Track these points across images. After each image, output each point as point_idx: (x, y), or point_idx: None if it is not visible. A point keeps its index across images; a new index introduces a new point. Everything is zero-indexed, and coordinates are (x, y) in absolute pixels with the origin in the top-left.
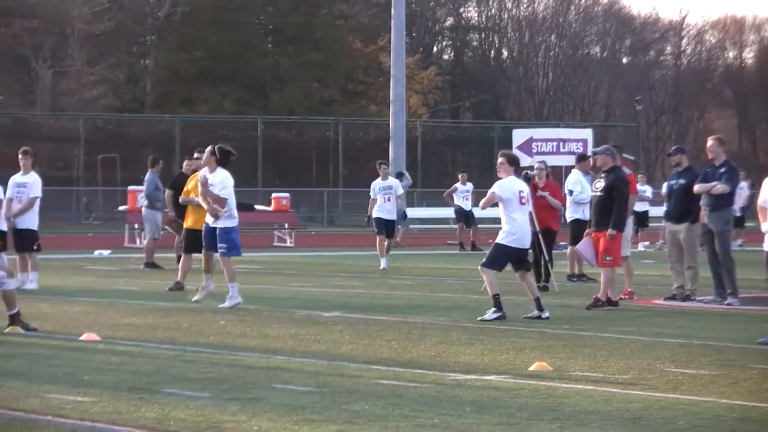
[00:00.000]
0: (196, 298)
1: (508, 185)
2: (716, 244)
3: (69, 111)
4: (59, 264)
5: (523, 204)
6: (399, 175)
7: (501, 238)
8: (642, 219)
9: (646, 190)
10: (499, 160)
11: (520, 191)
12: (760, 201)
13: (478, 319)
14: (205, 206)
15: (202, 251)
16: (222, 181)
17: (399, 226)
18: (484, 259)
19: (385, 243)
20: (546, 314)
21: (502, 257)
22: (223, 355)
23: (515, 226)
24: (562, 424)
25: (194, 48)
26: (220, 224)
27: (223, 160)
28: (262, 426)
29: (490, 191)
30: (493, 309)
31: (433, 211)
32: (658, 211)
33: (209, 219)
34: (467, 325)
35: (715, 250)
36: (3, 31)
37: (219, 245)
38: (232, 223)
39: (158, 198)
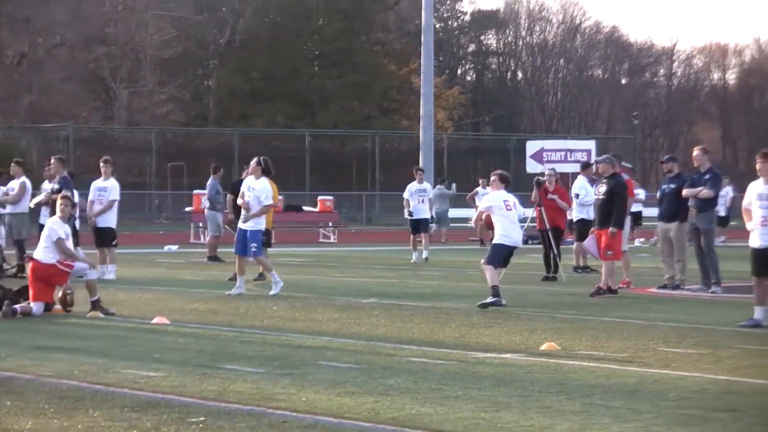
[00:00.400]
0: (228, 292)
1: (494, 197)
2: (702, 241)
3: (142, 125)
4: (134, 257)
5: (509, 210)
6: (442, 181)
7: (497, 240)
8: (636, 218)
9: (639, 192)
10: (492, 177)
11: (505, 200)
12: (744, 203)
13: (477, 305)
14: (239, 202)
15: (237, 254)
16: (264, 189)
17: (435, 226)
18: (485, 258)
19: (420, 239)
20: (489, 301)
21: (500, 254)
22: (276, 336)
23: (506, 229)
24: (568, 396)
25: (251, 70)
26: (251, 227)
27: (267, 170)
28: (309, 397)
29: (479, 210)
30: (491, 296)
31: (458, 212)
32: (653, 211)
33: (243, 224)
34: (487, 310)
35: (701, 245)
36: (85, 57)
37: (250, 245)
38: (261, 226)
39: (218, 200)
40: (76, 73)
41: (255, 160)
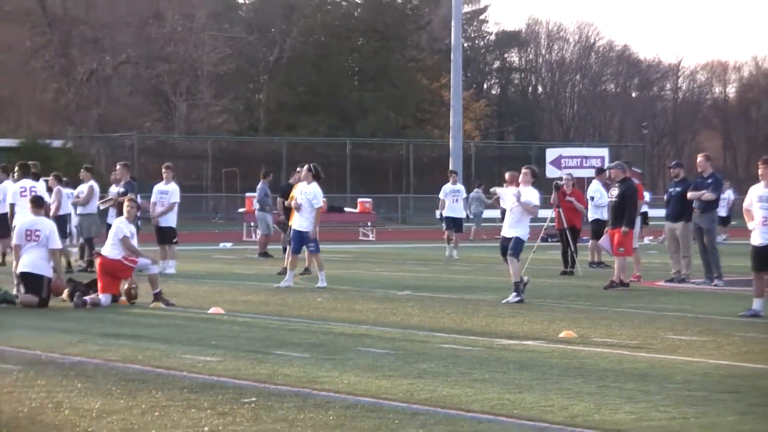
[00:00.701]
0: (277, 285)
1: (536, 196)
2: (705, 238)
3: (200, 134)
4: (192, 254)
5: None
6: (479, 185)
7: (521, 234)
8: (643, 218)
9: (645, 195)
10: (525, 171)
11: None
12: (745, 204)
13: (503, 302)
14: (292, 204)
15: (289, 251)
16: (315, 193)
17: (474, 225)
18: (512, 251)
19: (453, 236)
20: (518, 297)
21: (522, 248)
22: (320, 324)
23: (527, 225)
24: (585, 379)
25: (297, 85)
26: (306, 228)
27: (317, 175)
28: (350, 380)
29: (533, 199)
30: (514, 293)
31: (488, 212)
32: (658, 212)
33: (298, 225)
34: (511, 301)
35: (704, 243)
36: (149, 73)
37: (309, 244)
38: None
39: (267, 202)
40: (140, 87)
41: (306, 166)
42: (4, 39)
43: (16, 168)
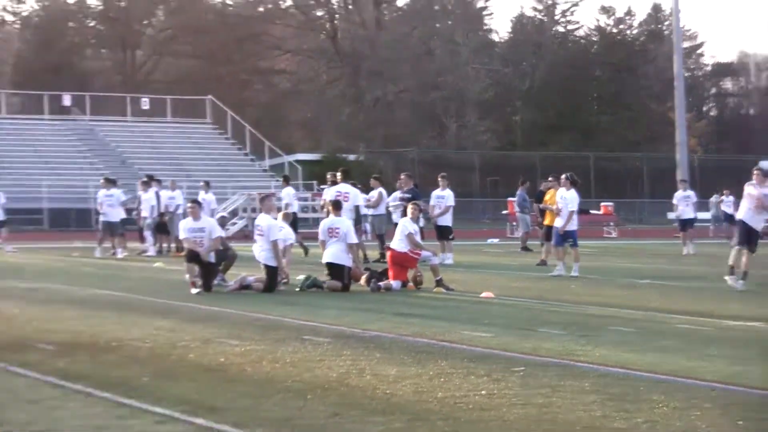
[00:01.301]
0: (551, 274)
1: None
2: None
3: (468, 149)
4: (465, 248)
5: None
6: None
7: (761, 228)
8: None
9: None
10: (756, 172)
11: None
12: None
13: (738, 289)
14: (554, 209)
15: (552, 245)
16: (572, 198)
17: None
18: (755, 246)
19: (687, 235)
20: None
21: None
22: (574, 307)
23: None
24: None
25: (547, 108)
26: (566, 227)
27: (575, 181)
28: (602, 353)
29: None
30: (742, 282)
31: (705, 215)
32: None
33: (557, 223)
34: (736, 289)
35: None
36: (424, 99)
37: (568, 239)
38: (573, 227)
39: (525, 206)
40: (417, 111)
41: (564, 175)
42: (306, 72)
43: (339, 173)
